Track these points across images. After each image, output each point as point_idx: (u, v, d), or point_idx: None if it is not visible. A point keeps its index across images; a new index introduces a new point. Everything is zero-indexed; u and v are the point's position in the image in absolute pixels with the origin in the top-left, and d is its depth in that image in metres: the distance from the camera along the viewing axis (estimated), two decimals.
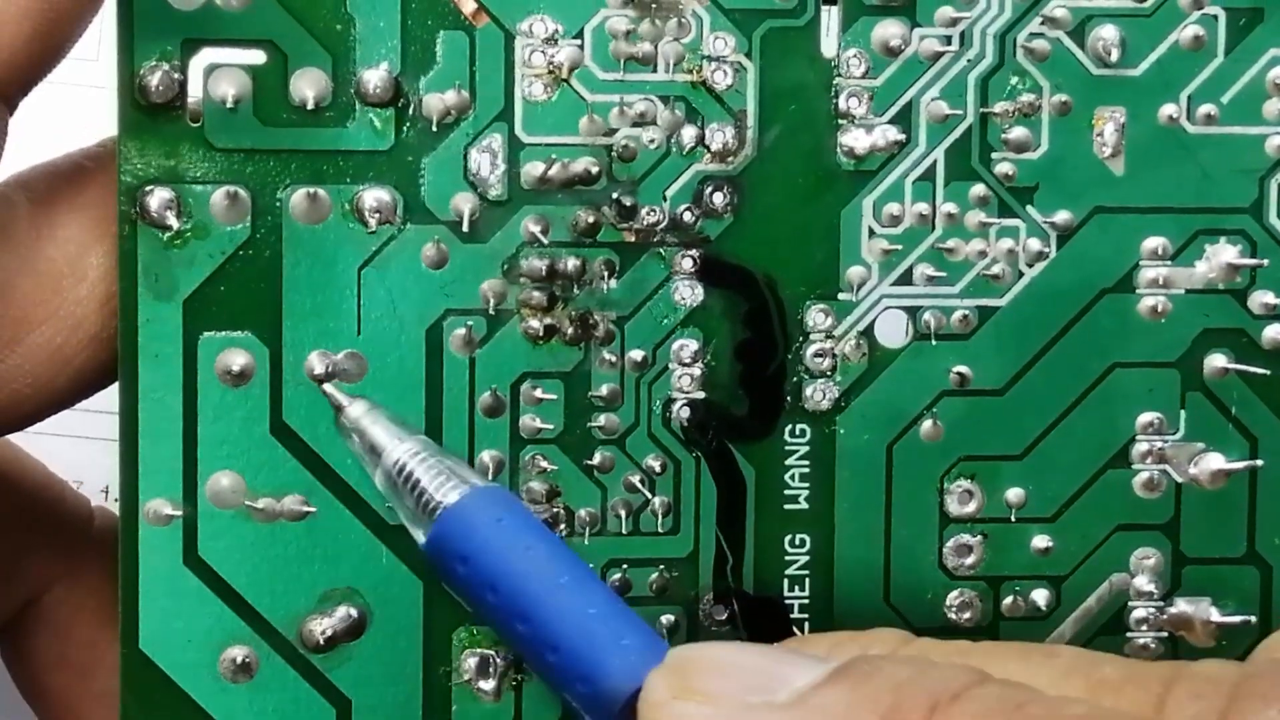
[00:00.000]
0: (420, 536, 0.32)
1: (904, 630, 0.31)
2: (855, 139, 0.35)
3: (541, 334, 0.34)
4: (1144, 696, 0.27)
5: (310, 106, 0.33)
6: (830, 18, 0.35)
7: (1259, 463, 0.36)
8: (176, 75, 0.33)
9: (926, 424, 0.35)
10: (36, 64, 0.33)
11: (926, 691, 0.27)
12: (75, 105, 0.43)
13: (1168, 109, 0.35)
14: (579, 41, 0.34)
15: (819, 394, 0.35)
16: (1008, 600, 0.36)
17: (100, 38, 0.42)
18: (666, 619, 0.35)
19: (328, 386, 0.34)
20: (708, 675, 0.28)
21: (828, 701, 0.27)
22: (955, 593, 0.36)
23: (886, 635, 0.31)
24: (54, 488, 0.39)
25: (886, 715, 0.27)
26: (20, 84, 0.33)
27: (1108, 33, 0.35)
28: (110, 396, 0.35)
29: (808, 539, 0.35)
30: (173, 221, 0.33)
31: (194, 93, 0.33)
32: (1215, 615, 0.36)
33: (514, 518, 0.32)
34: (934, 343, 0.35)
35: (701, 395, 0.35)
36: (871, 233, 0.35)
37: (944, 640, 0.30)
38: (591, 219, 0.34)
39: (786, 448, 0.35)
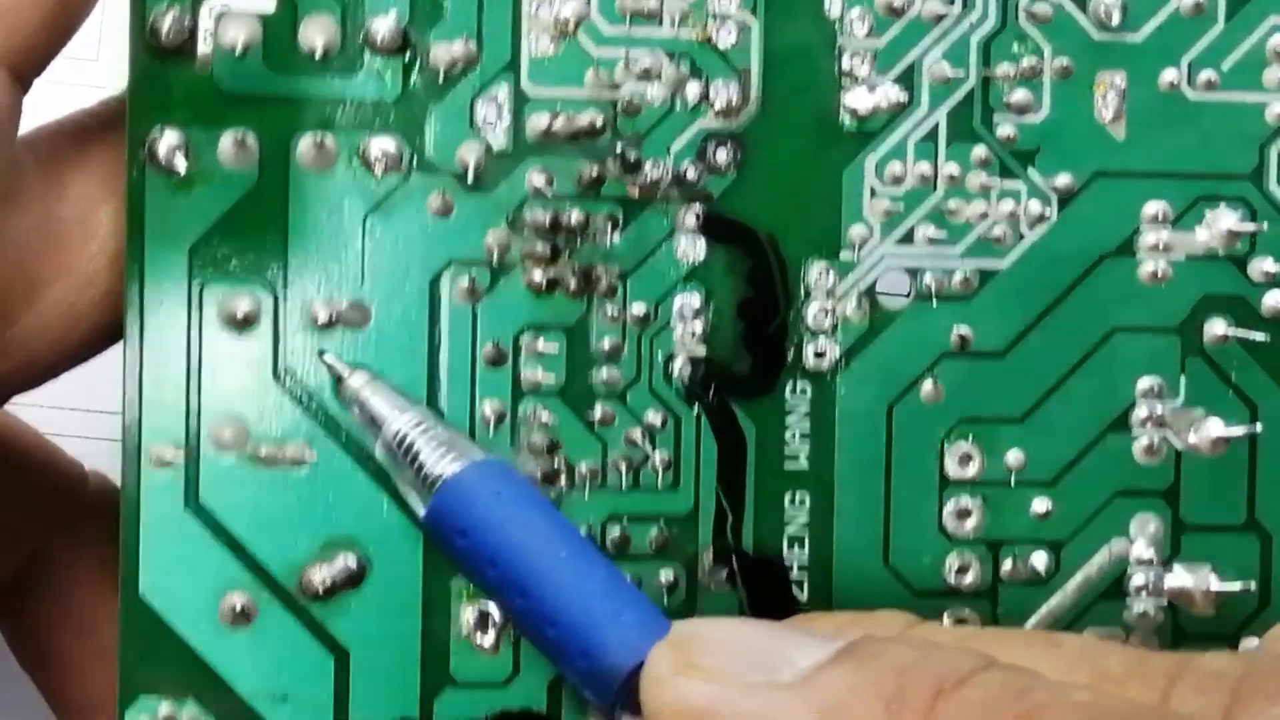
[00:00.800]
0: (420, 509, 0.32)
1: (909, 613, 0.31)
2: (858, 99, 0.35)
3: (544, 286, 0.34)
4: (1148, 690, 0.27)
5: (319, 54, 0.34)
6: None
7: (1258, 428, 0.36)
8: (187, 21, 0.33)
9: (927, 385, 0.35)
10: (52, 41, 0.33)
11: (932, 674, 0.27)
12: (75, 105, 0.44)
13: (1168, 74, 0.35)
14: None
15: (820, 353, 0.35)
16: (1007, 564, 0.36)
17: (100, 38, 0.43)
18: (665, 576, 0.35)
19: (328, 356, 0.34)
20: (711, 652, 0.28)
21: (832, 682, 0.27)
22: (954, 555, 0.36)
23: (892, 617, 0.31)
24: (46, 449, 0.39)
25: (891, 697, 0.27)
26: (34, 64, 0.33)
27: None
28: (112, 397, 0.35)
29: (807, 498, 0.35)
30: (181, 166, 0.33)
31: (204, 39, 0.33)
32: (1214, 583, 0.36)
33: (513, 490, 0.32)
34: (935, 304, 0.35)
35: (703, 351, 0.35)
36: (873, 192, 0.35)
37: (949, 626, 0.30)
38: (596, 172, 0.34)
39: (787, 406, 0.35)
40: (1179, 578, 0.36)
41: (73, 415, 0.44)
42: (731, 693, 0.28)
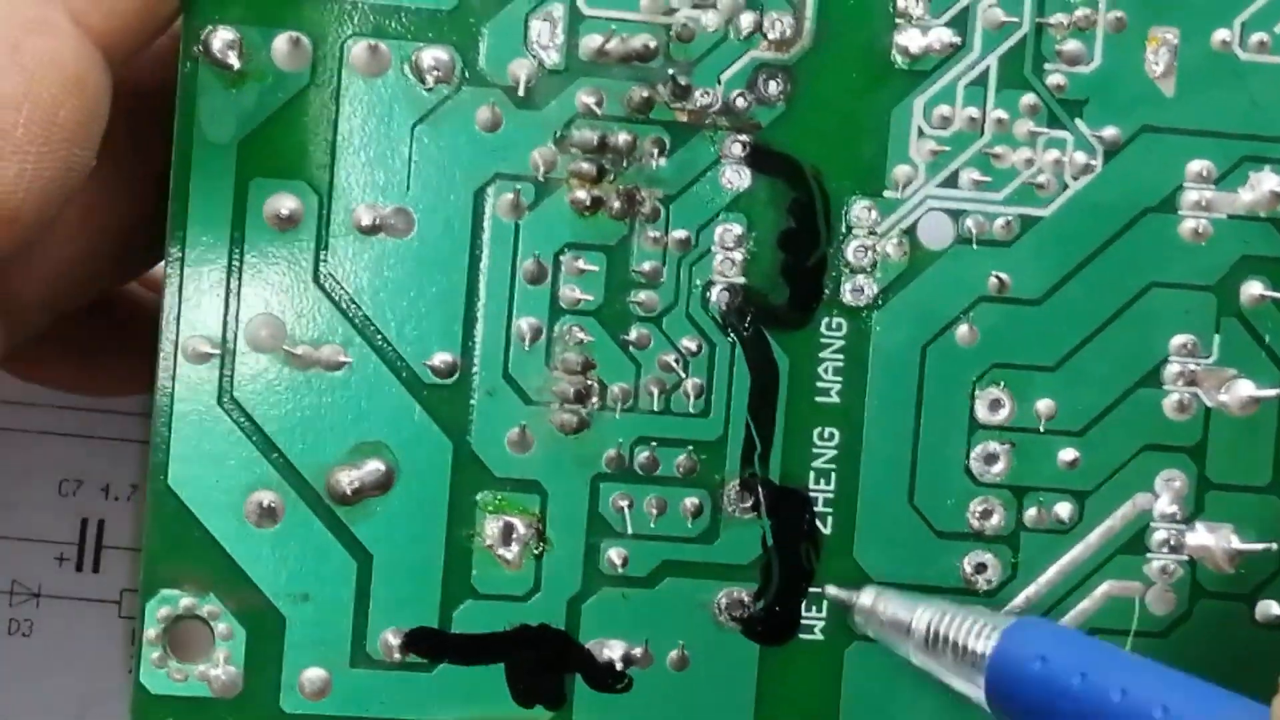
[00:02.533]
0: (969, 686, 0.32)
1: None
2: (911, 39, 0.35)
3: (588, 205, 0.35)
4: None
5: None
6: None
7: None
8: None
9: (962, 328, 0.35)
10: (147, 29, 0.32)
11: None
12: None
13: (1221, 34, 0.35)
14: None
15: (858, 289, 0.35)
16: (1031, 511, 0.36)
17: None
18: (691, 502, 0.35)
19: (831, 589, 0.35)
20: None
21: None
22: (979, 499, 0.36)
23: None
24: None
25: None
26: (127, 50, 0.32)
27: None
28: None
29: (837, 433, 0.35)
30: (234, 62, 0.33)
31: None
32: (1235, 542, 0.36)
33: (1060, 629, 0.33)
34: (975, 247, 0.35)
35: (742, 281, 0.35)
36: (921, 133, 0.35)
37: None
38: (645, 95, 0.35)
39: (822, 340, 0.35)
40: (1201, 535, 0.36)
41: (84, 413, 0.44)
42: None
